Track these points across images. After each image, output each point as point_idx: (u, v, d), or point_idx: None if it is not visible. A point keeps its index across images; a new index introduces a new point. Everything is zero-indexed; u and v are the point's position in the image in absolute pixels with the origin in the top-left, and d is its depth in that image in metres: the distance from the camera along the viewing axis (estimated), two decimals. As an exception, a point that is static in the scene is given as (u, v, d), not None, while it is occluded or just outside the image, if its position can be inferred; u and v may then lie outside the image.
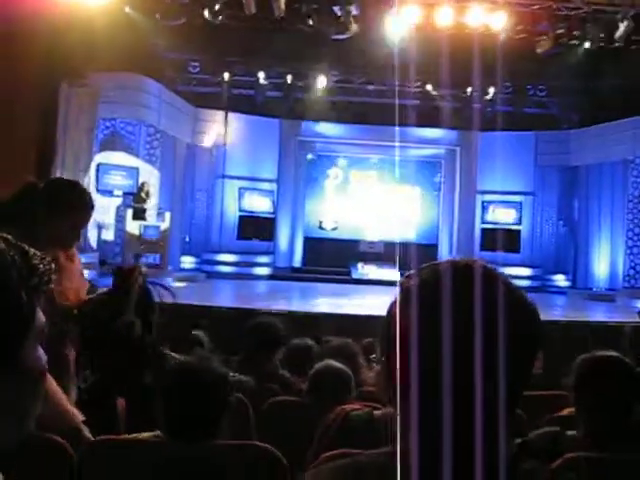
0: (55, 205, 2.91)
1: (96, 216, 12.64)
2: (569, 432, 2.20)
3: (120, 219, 13.09)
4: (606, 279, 15.65)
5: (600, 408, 2.22)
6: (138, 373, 2.47)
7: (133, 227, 12.76)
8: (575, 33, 11.67)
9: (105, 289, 2.82)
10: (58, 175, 11.38)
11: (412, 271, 1.06)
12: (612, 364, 2.34)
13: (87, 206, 3.05)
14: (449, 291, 0.96)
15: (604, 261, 15.76)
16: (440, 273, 1.00)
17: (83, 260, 11.39)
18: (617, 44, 11.49)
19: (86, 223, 3.08)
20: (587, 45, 11.96)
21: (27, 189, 2.96)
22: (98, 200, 12.84)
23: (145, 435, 2.10)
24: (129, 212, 12.91)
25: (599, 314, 12.08)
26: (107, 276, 11.71)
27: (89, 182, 12.26)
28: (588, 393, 2.28)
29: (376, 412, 2.10)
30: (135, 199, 13.11)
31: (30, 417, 0.84)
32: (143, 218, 12.96)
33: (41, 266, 0.86)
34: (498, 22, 10.81)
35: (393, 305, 1.04)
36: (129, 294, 2.59)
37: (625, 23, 10.97)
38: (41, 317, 0.85)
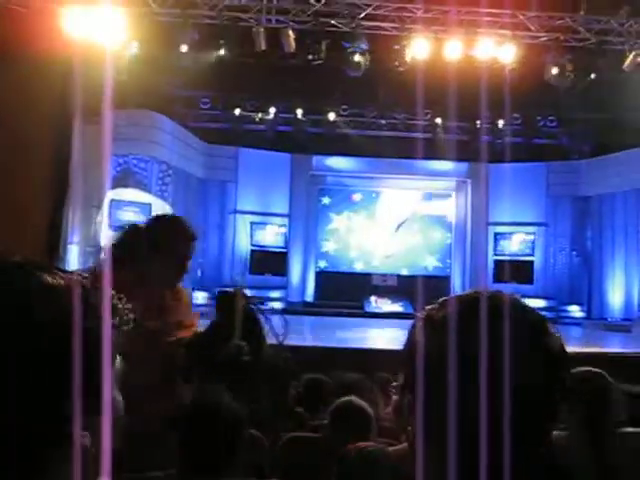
0: (158, 243, 2.89)
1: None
2: None
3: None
4: (621, 309, 15.52)
5: None
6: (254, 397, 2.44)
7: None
8: (583, 64, 11.72)
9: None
10: (70, 212, 11.48)
11: (435, 304, 1.03)
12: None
13: (188, 238, 3.02)
14: (486, 322, 0.92)
15: (619, 291, 15.64)
16: (472, 304, 0.97)
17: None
18: (625, 74, 11.52)
19: (190, 255, 3.01)
20: (595, 75, 12.00)
21: (130, 232, 2.98)
22: (111, 236, 12.94)
23: (156, 474, 2.07)
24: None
25: (615, 345, 11.96)
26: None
27: (102, 218, 12.34)
28: None
29: (391, 448, 2.07)
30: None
31: None
32: (156, 254, 13.00)
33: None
34: (506, 54, 10.86)
35: (413, 335, 1.01)
36: (233, 318, 2.60)
37: (633, 53, 11.01)
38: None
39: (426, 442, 0.94)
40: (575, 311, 16.54)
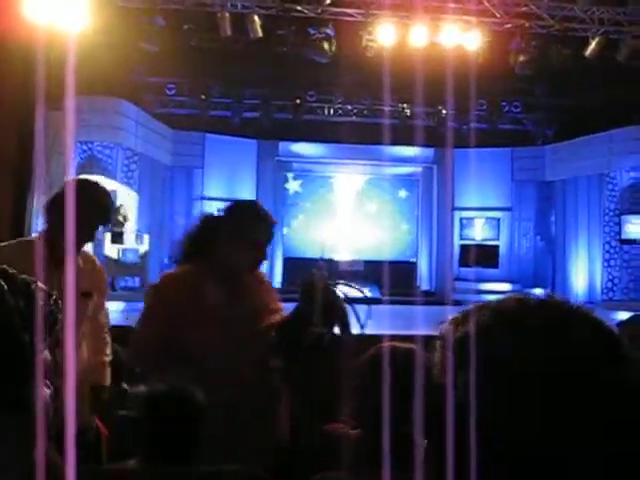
0: (239, 229, 2.91)
1: (74, 240, 12.56)
2: None
3: (98, 243, 13.00)
4: (584, 292, 15.77)
5: None
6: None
7: (111, 251, 12.69)
8: (548, 50, 11.84)
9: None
10: (35, 200, 11.32)
11: (456, 314, 0.83)
12: None
13: (265, 221, 3.00)
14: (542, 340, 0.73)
15: (582, 274, 15.89)
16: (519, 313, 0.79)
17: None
18: (588, 61, 11.67)
19: (269, 239, 3.00)
20: (559, 62, 12.14)
21: (208, 220, 3.03)
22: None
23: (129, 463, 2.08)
24: (107, 236, 12.83)
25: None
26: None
27: (67, 206, 12.20)
28: None
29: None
30: (112, 222, 13.03)
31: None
32: (121, 242, 12.89)
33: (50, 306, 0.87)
34: (472, 41, 10.93)
35: (430, 360, 0.81)
36: (314, 303, 2.62)
37: (596, 40, 11.16)
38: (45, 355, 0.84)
39: None
40: (539, 294, 16.73)
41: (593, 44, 11.23)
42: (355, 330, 2.77)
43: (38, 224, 11.44)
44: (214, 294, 2.85)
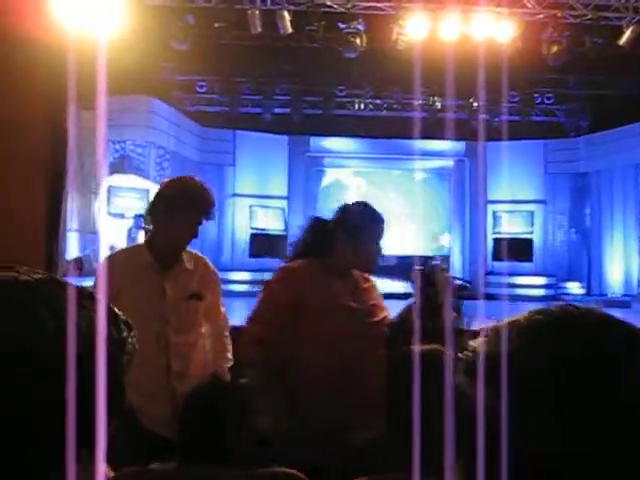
0: (352, 230, 3.00)
1: (108, 238, 12.70)
2: None
3: (132, 241, 13.10)
4: (621, 285, 15.54)
5: None
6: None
7: (145, 249, 12.77)
8: (581, 40, 11.66)
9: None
10: (69, 199, 11.45)
11: (486, 329, 0.78)
12: None
13: (379, 222, 3.09)
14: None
15: (618, 267, 15.66)
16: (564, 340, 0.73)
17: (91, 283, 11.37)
18: (622, 50, 11.47)
19: (379, 237, 3.08)
20: (593, 51, 11.94)
21: (315, 222, 3.14)
22: (109, 223, 12.93)
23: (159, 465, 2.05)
24: (141, 234, 12.92)
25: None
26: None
27: (100, 205, 12.32)
28: None
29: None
30: (146, 221, 13.11)
31: None
32: (155, 240, 12.98)
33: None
34: (504, 32, 10.80)
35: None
36: (437, 292, 2.69)
37: (630, 29, 10.96)
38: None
39: None
40: (575, 288, 16.55)
41: (628, 33, 11.03)
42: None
43: (72, 224, 11.58)
44: (337, 286, 2.94)
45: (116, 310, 0.81)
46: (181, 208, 3.07)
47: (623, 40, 11.10)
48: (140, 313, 2.97)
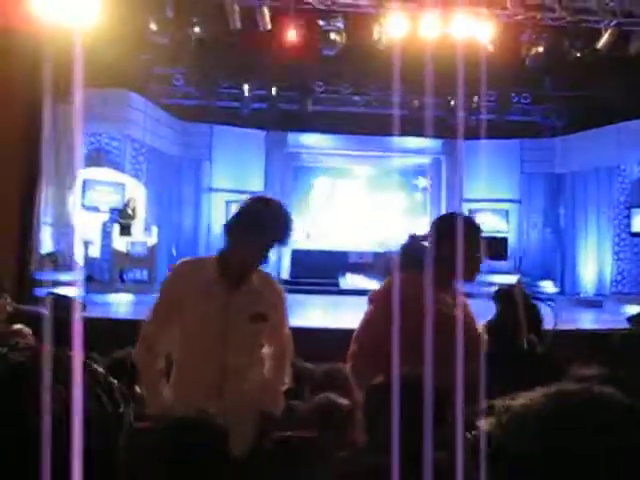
0: (471, 240, 3.05)
1: (82, 233, 12.56)
2: None
3: (107, 235, 12.99)
4: (593, 285, 15.71)
5: None
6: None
7: (120, 244, 12.67)
8: (559, 42, 11.74)
9: None
10: (43, 193, 11.31)
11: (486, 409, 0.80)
12: None
13: (479, 231, 3.15)
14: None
15: (591, 267, 15.82)
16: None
17: (69, 278, 11.14)
18: (600, 53, 11.57)
19: (480, 246, 3.11)
20: (571, 54, 12.02)
21: (412, 240, 3.20)
22: (84, 216, 12.80)
23: None
24: (116, 228, 12.82)
25: (587, 322, 12.10)
26: (96, 293, 11.65)
27: (75, 199, 12.18)
28: None
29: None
30: (121, 215, 13.01)
31: None
32: (129, 234, 12.87)
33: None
34: (483, 32, 10.84)
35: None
36: (516, 311, 2.69)
37: (608, 32, 11.05)
38: None
39: None
40: (548, 287, 16.70)
41: (605, 36, 11.12)
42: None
43: (46, 217, 11.45)
44: (441, 299, 2.96)
45: (112, 380, 0.78)
46: (261, 233, 2.99)
47: (601, 43, 11.20)
48: (200, 329, 2.94)
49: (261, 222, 2.99)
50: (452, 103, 16.10)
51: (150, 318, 3.05)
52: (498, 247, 16.92)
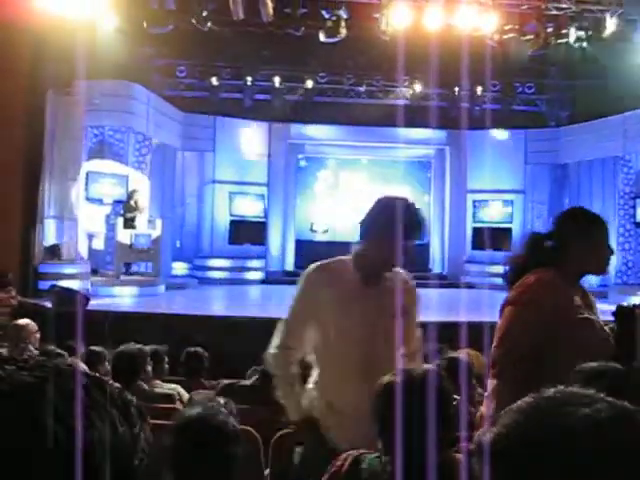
0: (585, 234, 2.96)
1: (86, 225, 12.55)
2: None
3: (111, 228, 12.98)
4: (597, 276, 15.63)
5: None
6: None
7: (124, 236, 12.65)
8: (564, 31, 11.66)
9: None
10: (47, 185, 11.30)
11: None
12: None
13: (605, 222, 3.08)
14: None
15: (596, 258, 15.75)
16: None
17: (73, 271, 11.11)
18: (605, 42, 11.50)
19: (609, 238, 3.07)
20: (575, 43, 11.95)
21: (535, 237, 3.06)
22: (88, 209, 12.78)
23: None
24: (119, 221, 12.79)
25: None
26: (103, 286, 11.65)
27: (78, 191, 12.16)
28: None
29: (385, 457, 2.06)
30: (125, 208, 12.99)
31: None
32: (133, 227, 12.85)
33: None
34: (487, 23, 10.77)
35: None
36: (634, 336, 2.62)
37: (613, 21, 10.97)
38: None
39: None
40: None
41: (610, 25, 11.04)
42: None
43: (49, 210, 11.44)
44: (576, 300, 2.89)
45: (127, 397, 0.74)
46: (394, 231, 2.90)
47: (606, 32, 11.12)
48: (344, 329, 2.90)
49: (393, 220, 2.91)
50: (456, 93, 16.04)
51: (287, 319, 3.02)
52: (502, 238, 16.89)
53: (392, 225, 2.86)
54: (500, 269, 13.35)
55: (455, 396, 3.07)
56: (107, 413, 0.67)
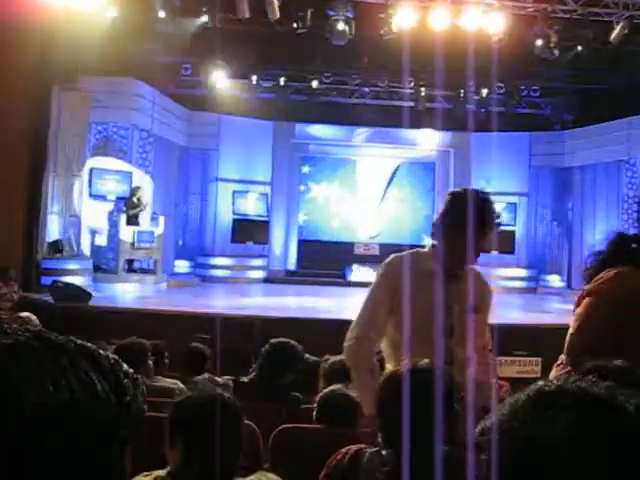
0: None
1: (89, 221, 12.56)
2: None
3: (113, 224, 12.98)
4: (600, 279, 15.61)
5: None
6: None
7: (126, 233, 12.65)
8: (569, 35, 11.64)
9: None
10: (50, 181, 11.30)
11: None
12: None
13: None
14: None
15: (599, 261, 15.72)
16: None
17: (76, 266, 11.14)
18: (611, 46, 11.47)
19: None
20: (581, 47, 11.93)
21: (620, 237, 3.09)
22: (91, 205, 12.78)
23: (157, 474, 2.02)
24: (122, 217, 12.80)
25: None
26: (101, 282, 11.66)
27: (81, 187, 12.17)
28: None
29: (384, 451, 2.06)
30: (128, 205, 12.99)
31: None
32: (136, 224, 12.86)
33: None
34: (493, 24, 10.75)
35: None
36: None
37: (620, 25, 10.94)
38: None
39: None
40: (555, 281, 16.66)
41: (617, 29, 11.02)
42: None
43: (53, 207, 11.44)
44: None
45: (120, 367, 0.73)
46: (465, 225, 2.87)
47: (613, 36, 11.10)
48: (422, 322, 2.90)
49: (465, 214, 2.89)
50: (461, 95, 16.02)
51: (365, 309, 3.02)
52: (505, 240, 16.86)
53: (460, 226, 2.85)
54: (504, 272, 13.34)
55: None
56: (87, 378, 0.67)
